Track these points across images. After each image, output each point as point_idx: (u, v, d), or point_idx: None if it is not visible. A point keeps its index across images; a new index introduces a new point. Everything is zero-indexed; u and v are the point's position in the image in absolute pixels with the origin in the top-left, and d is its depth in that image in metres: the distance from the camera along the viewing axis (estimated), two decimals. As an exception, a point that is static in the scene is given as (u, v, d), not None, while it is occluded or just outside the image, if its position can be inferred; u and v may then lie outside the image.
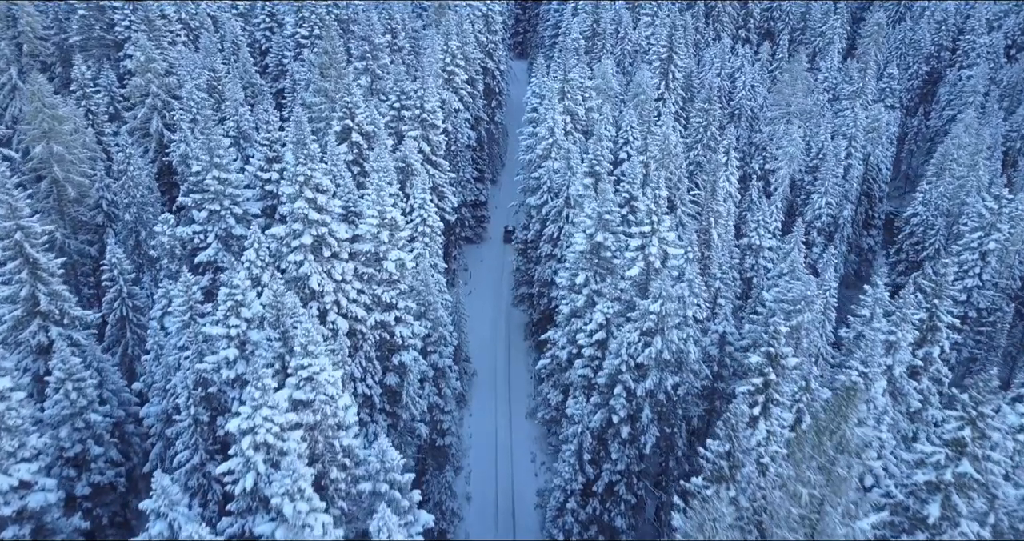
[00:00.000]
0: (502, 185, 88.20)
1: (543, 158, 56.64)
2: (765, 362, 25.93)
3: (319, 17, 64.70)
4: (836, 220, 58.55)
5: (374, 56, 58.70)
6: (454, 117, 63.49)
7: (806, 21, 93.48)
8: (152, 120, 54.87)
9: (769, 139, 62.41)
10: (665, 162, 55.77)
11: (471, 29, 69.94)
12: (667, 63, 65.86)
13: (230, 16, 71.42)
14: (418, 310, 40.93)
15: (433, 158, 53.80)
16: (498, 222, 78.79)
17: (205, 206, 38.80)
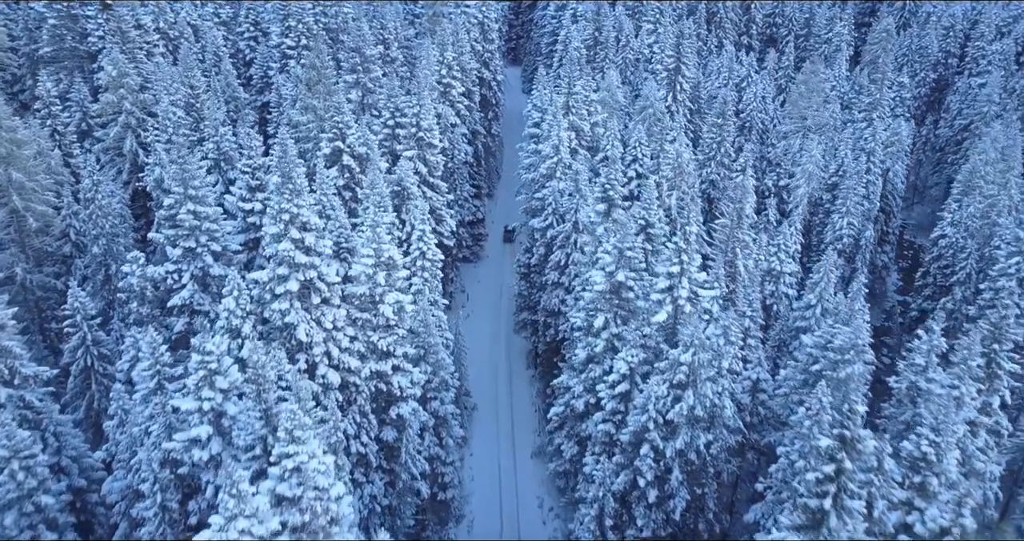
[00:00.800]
0: (499, 199, 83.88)
1: (547, 177, 52.32)
2: (837, 446, 21.78)
3: (306, 26, 60.14)
4: (857, 241, 54.55)
5: (365, 69, 54.21)
6: (451, 132, 59.10)
7: (810, 27, 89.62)
8: (126, 139, 50.14)
9: (784, 154, 58.34)
10: (678, 181, 51.62)
11: (467, 38, 65.58)
12: (674, 74, 61.69)
13: (212, 25, 66.67)
14: (417, 354, 36.57)
15: (430, 180, 49.41)
16: (495, 239, 74.53)
17: (179, 243, 34.23)
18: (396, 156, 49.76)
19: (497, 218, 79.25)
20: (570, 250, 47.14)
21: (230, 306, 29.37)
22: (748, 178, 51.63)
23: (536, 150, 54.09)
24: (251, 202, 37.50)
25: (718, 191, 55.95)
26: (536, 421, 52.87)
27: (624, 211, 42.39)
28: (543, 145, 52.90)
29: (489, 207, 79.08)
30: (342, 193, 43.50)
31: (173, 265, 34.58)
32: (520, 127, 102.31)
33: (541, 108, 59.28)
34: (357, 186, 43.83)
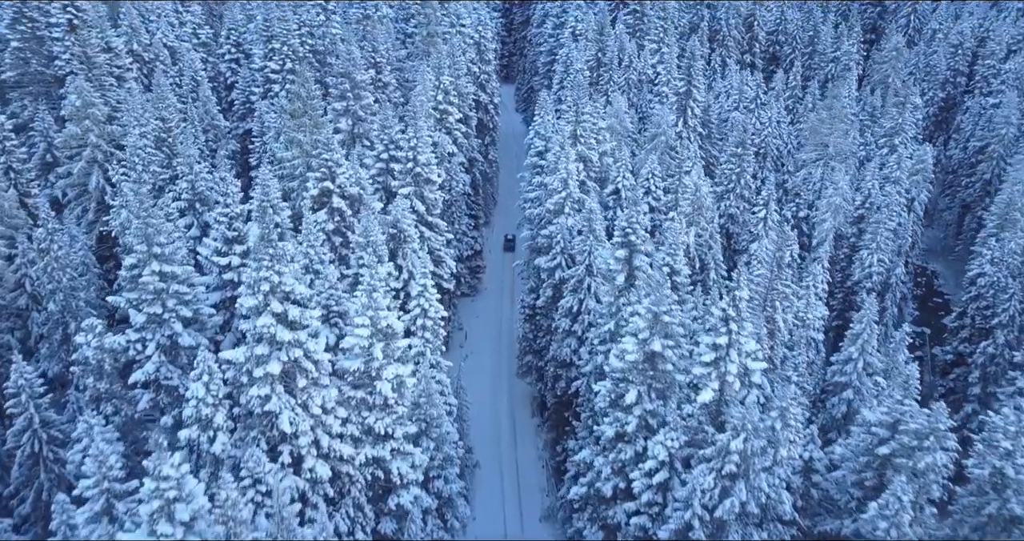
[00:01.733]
0: (495, 226, 79.08)
1: (555, 213, 47.45)
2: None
3: (291, 49, 55.04)
4: (887, 279, 50.05)
5: (356, 95, 49.16)
6: (448, 162, 54.15)
7: (814, 45, 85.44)
8: (92, 175, 44.80)
9: (804, 184, 53.81)
10: (696, 217, 46.93)
11: (464, 59, 60.73)
12: (685, 98, 57.12)
13: (190, 47, 61.47)
14: (419, 428, 31.49)
15: (429, 219, 44.42)
16: (494, 271, 69.66)
17: (143, 308, 29.01)
18: (391, 192, 44.79)
19: (495, 246, 74.47)
20: (583, 296, 42.23)
21: (199, 393, 24.22)
22: (761, 207, 47.06)
23: (541, 183, 49.25)
24: (228, 255, 32.31)
25: (737, 225, 51.29)
26: (544, 479, 47.86)
27: (647, 257, 37.56)
28: (549, 178, 48.05)
29: (486, 234, 74.25)
30: (332, 238, 38.44)
31: (136, 333, 29.36)
32: (513, 145, 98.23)
33: (545, 136, 54.47)
34: (349, 230, 38.77)
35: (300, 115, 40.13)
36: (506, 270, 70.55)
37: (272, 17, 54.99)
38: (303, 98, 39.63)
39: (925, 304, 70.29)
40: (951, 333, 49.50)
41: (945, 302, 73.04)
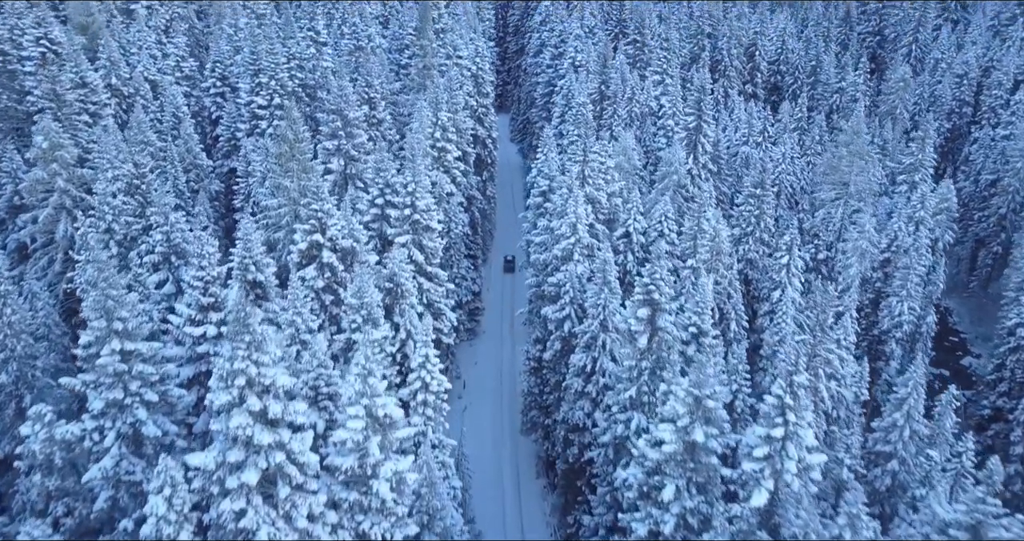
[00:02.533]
0: (492, 262, 74.95)
1: (563, 259, 43.33)
2: None
3: (280, 83, 51.05)
4: (918, 327, 46.16)
5: (348, 134, 45.18)
6: (447, 202, 50.09)
7: (816, 75, 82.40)
8: (59, 224, 40.41)
9: (824, 225, 50.00)
10: (714, 263, 42.94)
11: (461, 93, 56.89)
12: (695, 133, 53.41)
13: (173, 80, 57.36)
14: (420, 522, 27.03)
15: (428, 269, 40.18)
16: (492, 311, 65.45)
17: (101, 393, 24.56)
18: (386, 240, 40.63)
19: (493, 284, 70.33)
20: (597, 354, 37.96)
21: (159, 509, 19.75)
22: (784, 253, 43.16)
23: (548, 227, 45.16)
24: (203, 324, 27.93)
25: (757, 271, 47.33)
26: (555, 548, 43.36)
27: (672, 316, 33.42)
28: (556, 221, 43.98)
29: (484, 272, 70.08)
30: (321, 296, 34.11)
31: (93, 421, 24.86)
32: (508, 174, 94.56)
33: (548, 175, 50.60)
34: (340, 286, 34.47)
35: (287, 159, 35.98)
36: (506, 297, 67.94)
37: (260, 50, 51.04)
38: (290, 141, 35.51)
39: (940, 343, 66.43)
40: (988, 386, 45.50)
41: (962, 341, 69.31)
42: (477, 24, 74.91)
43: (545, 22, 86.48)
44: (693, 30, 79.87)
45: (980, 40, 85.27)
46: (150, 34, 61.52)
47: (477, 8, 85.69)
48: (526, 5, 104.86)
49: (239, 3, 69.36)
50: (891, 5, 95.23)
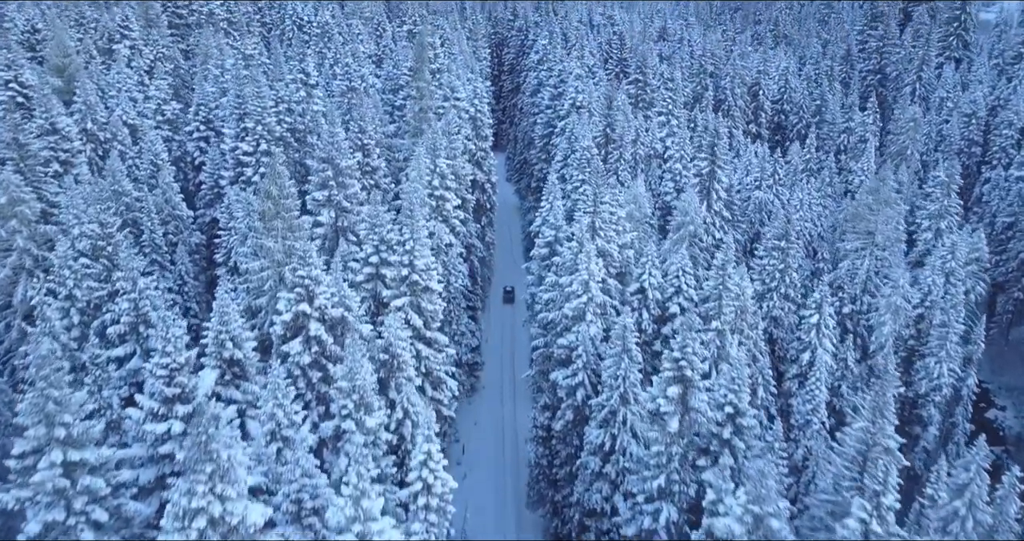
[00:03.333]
0: (491, 309, 70.82)
1: (575, 320, 39.28)
2: None
3: (267, 128, 47.25)
4: (958, 391, 42.21)
5: (340, 183, 41.34)
6: (445, 254, 46.12)
7: (821, 114, 79.57)
8: (18, 286, 36.09)
9: (849, 278, 46.20)
10: (739, 323, 39.02)
11: (460, 137, 53.29)
12: (708, 179, 49.84)
13: (154, 124, 53.53)
14: None
15: (427, 334, 35.99)
16: (492, 360, 61.26)
17: (39, 513, 20.10)
18: (381, 302, 36.49)
19: (492, 332, 66.12)
20: (617, 431, 33.72)
21: None
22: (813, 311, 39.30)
23: (556, 283, 41.16)
24: (167, 420, 23.57)
25: (782, 330, 43.39)
26: None
27: (703, 393, 29.32)
28: (566, 277, 39.98)
29: (482, 318, 65.89)
30: (308, 373, 29.80)
31: (28, 546, 20.34)
32: (504, 214, 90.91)
33: (554, 225, 46.81)
34: (329, 360, 30.19)
35: (271, 217, 31.95)
36: (506, 337, 64.97)
37: (246, 93, 47.33)
38: (274, 197, 31.52)
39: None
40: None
41: (984, 392, 65.34)
42: (474, 63, 71.85)
43: (543, 61, 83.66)
44: (695, 69, 77.09)
45: (986, 79, 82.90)
46: (131, 75, 57.88)
47: (474, 47, 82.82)
48: (521, 43, 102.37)
49: (227, 42, 66.01)
50: (892, 43, 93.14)
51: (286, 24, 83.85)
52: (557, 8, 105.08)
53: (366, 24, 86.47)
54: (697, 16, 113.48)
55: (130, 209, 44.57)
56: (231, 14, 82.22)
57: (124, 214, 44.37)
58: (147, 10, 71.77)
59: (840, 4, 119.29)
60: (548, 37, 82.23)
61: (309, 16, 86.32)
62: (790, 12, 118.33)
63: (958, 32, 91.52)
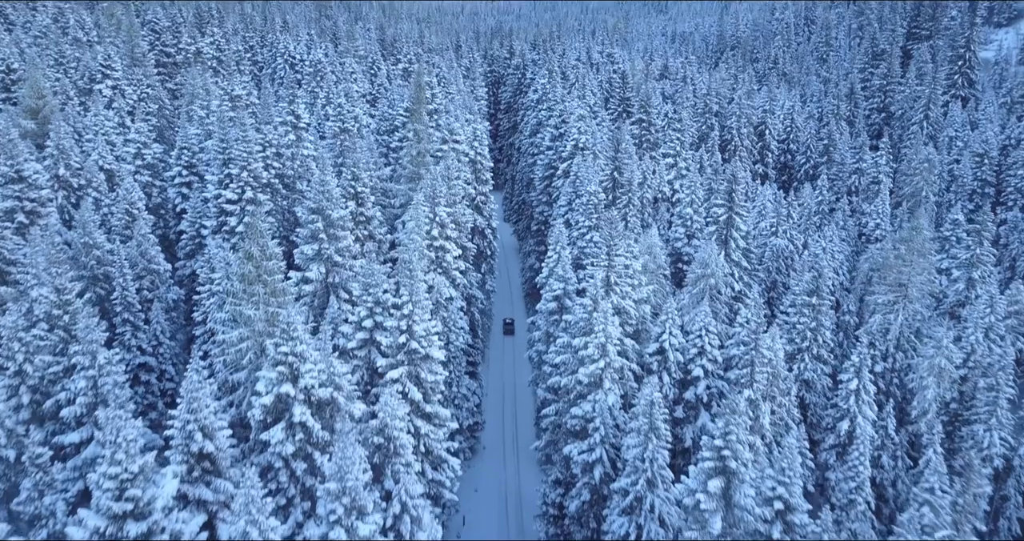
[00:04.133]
0: (491, 361, 66.63)
1: (592, 386, 35.27)
2: None
3: (253, 175, 43.54)
4: (1009, 461, 38.14)
5: (331, 236, 37.53)
6: (446, 310, 42.17)
7: (829, 154, 76.70)
8: (-34, 356, 31.78)
9: (881, 334, 42.45)
10: (771, 390, 35.06)
11: (459, 182, 49.74)
12: (726, 227, 46.30)
13: (133, 169, 49.78)
14: None
15: (427, 409, 31.81)
16: (493, 418, 56.86)
17: None
18: (376, 371, 32.38)
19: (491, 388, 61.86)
20: (644, 520, 29.48)
21: None
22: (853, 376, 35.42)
23: (568, 344, 37.17)
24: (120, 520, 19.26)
25: (814, 394, 39.44)
26: None
27: (746, 484, 25.19)
28: (579, 339, 36.03)
29: (482, 372, 61.67)
30: (291, 464, 25.55)
31: None
32: (503, 257, 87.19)
33: (562, 277, 42.99)
34: (316, 449, 25.97)
35: (252, 281, 27.99)
36: (507, 374, 62.23)
37: (231, 137, 43.73)
38: (256, 258, 27.59)
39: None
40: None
41: (1014, 447, 61.37)
42: (472, 103, 68.80)
43: (542, 100, 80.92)
44: (700, 109, 74.30)
45: (995, 117, 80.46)
46: (111, 117, 54.28)
47: (471, 86, 79.96)
48: (519, 82, 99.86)
49: (214, 82, 62.74)
50: (895, 82, 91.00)
51: (278, 63, 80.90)
52: (554, 46, 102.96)
53: (360, 63, 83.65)
54: (695, 54, 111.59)
55: (102, 263, 40.60)
56: (221, 52, 79.21)
57: (95, 269, 40.43)
58: (133, 49, 68.58)
59: (838, 42, 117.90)
60: (547, 76, 79.54)
61: (302, 55, 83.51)
62: (787, 50, 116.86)
63: (963, 70, 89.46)
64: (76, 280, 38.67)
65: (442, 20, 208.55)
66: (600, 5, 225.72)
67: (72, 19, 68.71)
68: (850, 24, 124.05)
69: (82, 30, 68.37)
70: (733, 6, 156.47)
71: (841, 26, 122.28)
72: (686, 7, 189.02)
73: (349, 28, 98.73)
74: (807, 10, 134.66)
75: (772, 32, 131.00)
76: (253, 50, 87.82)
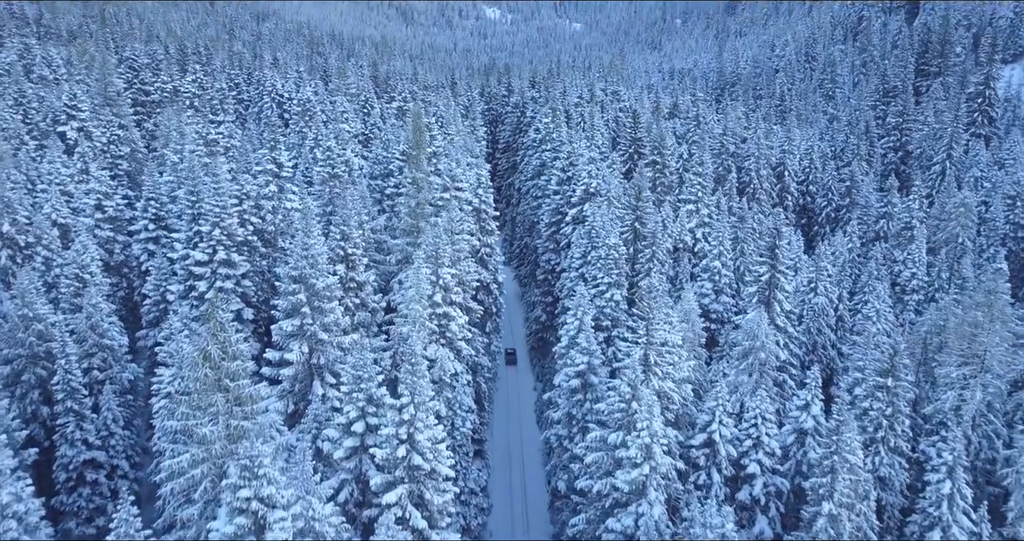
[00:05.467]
0: (493, 425, 59.73)
1: (634, 494, 28.49)
2: None
3: (227, 232, 36.98)
4: None
5: (316, 309, 30.92)
6: (451, 390, 35.45)
7: (851, 196, 71.15)
8: None
9: (955, 415, 35.93)
10: (850, 497, 28.33)
11: (464, 236, 43.35)
12: (768, 288, 39.96)
13: (93, 223, 43.18)
14: None
15: (434, 538, 24.87)
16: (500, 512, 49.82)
17: None
18: (367, 486, 25.52)
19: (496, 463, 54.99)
20: None
21: None
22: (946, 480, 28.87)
23: (602, 438, 30.40)
24: None
25: (891, 493, 32.73)
26: None
27: None
28: (616, 435, 29.35)
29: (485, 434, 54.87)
30: None
31: None
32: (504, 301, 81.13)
33: (587, 349, 36.41)
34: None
35: (209, 387, 21.24)
36: (512, 417, 57.35)
37: (201, 188, 37.31)
38: (214, 359, 20.88)
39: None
40: None
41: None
42: (473, 144, 62.86)
43: (545, 141, 75.11)
44: (716, 150, 68.69)
45: (1021, 156, 75.36)
46: (73, 163, 47.87)
47: (471, 127, 74.19)
48: (518, 120, 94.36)
49: (187, 123, 56.53)
50: (911, 120, 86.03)
51: (264, 101, 75.00)
52: (553, 83, 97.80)
53: (352, 101, 77.87)
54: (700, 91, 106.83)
55: (44, 338, 33.81)
56: (204, 90, 73.22)
57: (35, 346, 33.61)
58: (106, 87, 62.41)
59: (842, 78, 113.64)
60: (551, 114, 73.92)
61: (290, 93, 77.71)
62: (792, 86, 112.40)
63: (983, 108, 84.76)
64: (9, 361, 31.88)
65: (435, 57, 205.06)
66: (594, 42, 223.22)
67: (39, 56, 62.67)
68: (853, 60, 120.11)
69: (49, 67, 62.34)
70: (730, 42, 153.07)
71: (844, 63, 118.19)
72: (680, 44, 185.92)
73: (341, 65, 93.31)
74: (807, 46, 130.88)
75: (773, 68, 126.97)
76: (239, 88, 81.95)
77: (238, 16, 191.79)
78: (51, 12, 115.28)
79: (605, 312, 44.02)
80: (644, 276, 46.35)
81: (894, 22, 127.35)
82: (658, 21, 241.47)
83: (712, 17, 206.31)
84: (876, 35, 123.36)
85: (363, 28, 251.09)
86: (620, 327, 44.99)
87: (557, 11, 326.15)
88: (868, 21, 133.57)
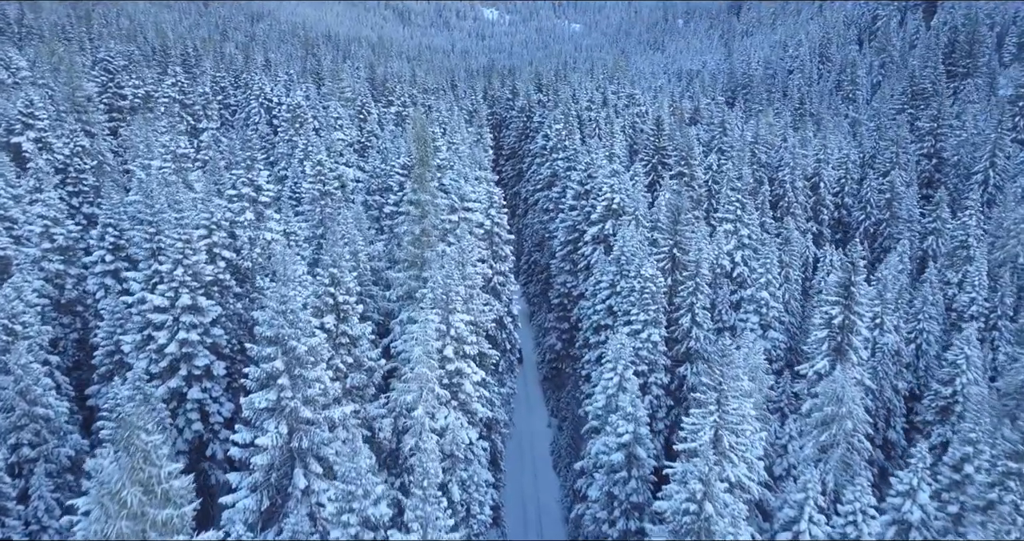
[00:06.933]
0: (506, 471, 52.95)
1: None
2: None
3: (192, 271, 29.69)
4: None
5: (296, 377, 23.76)
6: (464, 467, 28.31)
7: (891, 209, 64.12)
8: None
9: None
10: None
11: (477, 266, 36.20)
12: (843, 332, 32.81)
13: (39, 254, 35.85)
14: None
15: None
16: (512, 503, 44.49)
17: None
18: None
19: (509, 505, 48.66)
20: None
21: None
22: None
23: (662, 546, 23.23)
24: None
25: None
26: None
27: None
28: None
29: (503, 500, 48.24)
30: None
31: None
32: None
33: (632, 415, 29.27)
34: None
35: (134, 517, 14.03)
36: (525, 444, 52.54)
37: (160, 218, 30.06)
38: (132, 508, 13.68)
39: None
40: None
41: None
42: (481, 155, 55.64)
43: (556, 149, 68.04)
44: (747, 159, 61.62)
45: (1072, 164, 68.58)
46: (24, 182, 40.60)
47: (477, 134, 66.97)
48: (524, 126, 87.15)
49: (166, 134, 49.15)
50: (947, 125, 78.95)
51: (251, 106, 67.64)
52: (561, 86, 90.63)
53: (347, 106, 70.59)
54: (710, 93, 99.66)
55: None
56: (184, 95, 65.84)
57: (-52, 419, 26.29)
58: (74, 92, 55.03)
59: (861, 79, 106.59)
60: (563, 120, 66.82)
61: (280, 97, 70.37)
62: (810, 89, 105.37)
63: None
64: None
65: (433, 58, 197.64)
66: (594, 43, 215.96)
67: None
68: (871, 61, 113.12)
69: (7, 70, 55.07)
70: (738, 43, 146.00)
71: (862, 64, 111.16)
72: (684, 45, 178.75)
73: (335, 67, 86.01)
74: (821, 47, 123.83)
75: (787, 70, 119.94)
76: (224, 92, 74.56)
77: (232, 17, 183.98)
78: (35, 12, 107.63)
79: (641, 355, 37.08)
80: (686, 312, 39.30)
81: (911, 21, 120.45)
82: (659, 21, 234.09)
83: (716, 17, 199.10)
84: (894, 35, 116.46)
85: (359, 29, 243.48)
86: (658, 372, 38.13)
87: (556, 12, 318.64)
88: (883, 20, 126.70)
